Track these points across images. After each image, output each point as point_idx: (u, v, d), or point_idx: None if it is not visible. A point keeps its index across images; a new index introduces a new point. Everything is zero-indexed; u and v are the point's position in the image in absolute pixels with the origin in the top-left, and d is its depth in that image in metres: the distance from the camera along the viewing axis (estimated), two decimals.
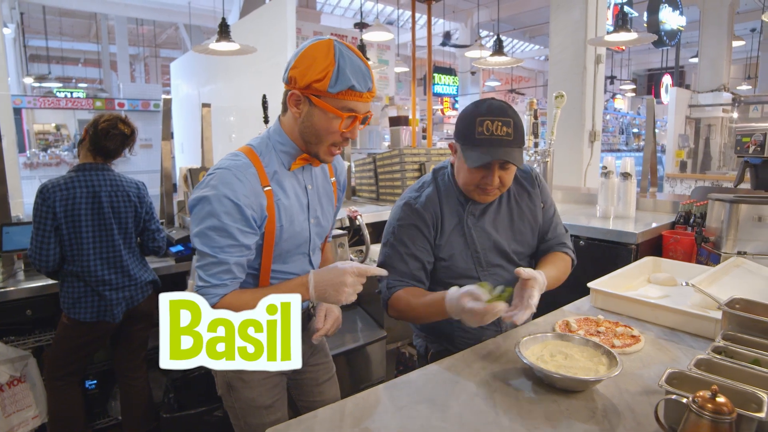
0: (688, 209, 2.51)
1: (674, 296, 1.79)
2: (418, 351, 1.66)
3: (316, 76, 1.08)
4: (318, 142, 1.17)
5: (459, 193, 1.47)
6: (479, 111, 1.34)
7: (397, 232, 1.45)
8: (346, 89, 1.10)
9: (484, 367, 1.22)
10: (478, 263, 1.48)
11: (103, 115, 2.00)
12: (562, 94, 2.64)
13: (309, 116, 1.14)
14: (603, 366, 1.16)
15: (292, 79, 1.11)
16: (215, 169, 1.14)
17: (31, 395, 2.07)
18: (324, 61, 1.08)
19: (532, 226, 1.56)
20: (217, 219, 1.09)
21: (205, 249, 1.10)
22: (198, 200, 1.11)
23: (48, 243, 1.88)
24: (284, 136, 1.20)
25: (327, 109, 1.11)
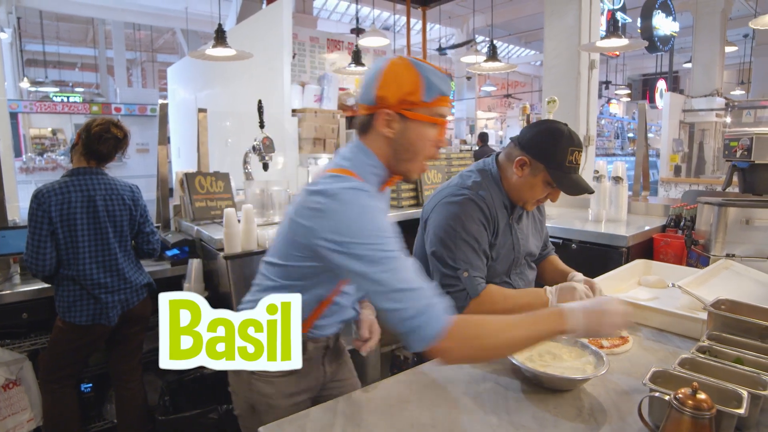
0: (679, 213, 2.54)
1: (663, 298, 1.82)
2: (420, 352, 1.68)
3: (408, 88, 1.08)
4: (413, 158, 1.14)
5: (504, 197, 1.56)
6: (572, 141, 1.46)
7: (467, 228, 1.46)
8: (438, 96, 1.11)
9: (474, 367, 1.24)
10: (513, 264, 1.61)
11: (96, 119, 2.01)
12: (554, 99, 2.68)
13: (404, 132, 1.11)
14: (590, 365, 1.18)
15: (381, 98, 1.09)
16: (343, 189, 1.03)
17: (27, 398, 2.07)
18: (409, 75, 1.08)
19: (542, 234, 1.75)
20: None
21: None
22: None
23: (44, 248, 1.89)
24: (373, 157, 1.14)
25: (423, 120, 1.10)
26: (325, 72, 6.00)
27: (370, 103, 1.11)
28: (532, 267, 1.74)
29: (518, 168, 1.51)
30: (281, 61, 4.42)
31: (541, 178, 1.49)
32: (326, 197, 1.02)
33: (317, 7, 11.35)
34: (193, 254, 2.44)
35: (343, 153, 1.17)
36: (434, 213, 1.54)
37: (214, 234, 2.30)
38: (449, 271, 1.46)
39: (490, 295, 1.46)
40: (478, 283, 1.45)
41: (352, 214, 1.01)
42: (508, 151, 1.57)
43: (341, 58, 6.17)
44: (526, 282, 1.67)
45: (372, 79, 1.10)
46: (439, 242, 1.48)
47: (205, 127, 2.79)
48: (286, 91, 4.65)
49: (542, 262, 1.81)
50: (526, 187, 1.52)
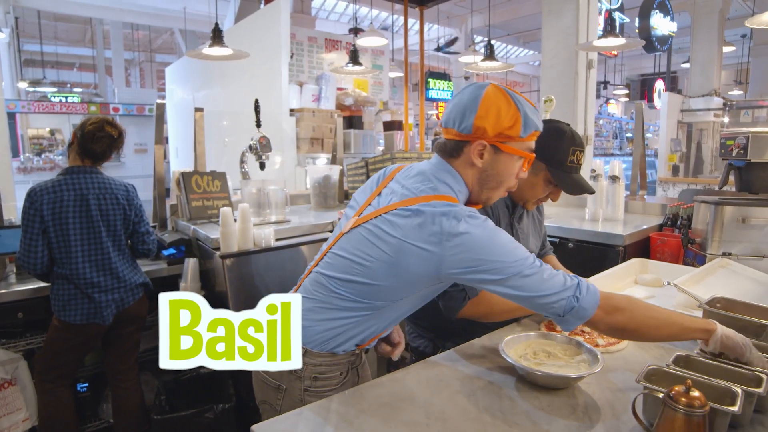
0: (676, 211, 2.54)
1: (660, 297, 1.82)
2: (423, 352, 1.67)
3: (507, 123, 1.10)
4: (497, 188, 1.18)
5: (506, 197, 1.53)
6: (574, 141, 1.48)
7: None
8: (534, 131, 1.14)
9: (468, 366, 1.24)
10: None
11: (90, 118, 2.01)
12: (551, 98, 2.68)
13: (494, 163, 1.14)
14: (585, 364, 1.18)
15: (479, 128, 1.10)
16: (472, 214, 1.07)
17: (22, 398, 2.07)
18: (509, 109, 1.10)
19: (540, 232, 1.76)
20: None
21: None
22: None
23: (36, 245, 1.89)
24: (462, 183, 1.17)
25: (515, 153, 1.14)
26: (323, 72, 6.00)
27: (465, 131, 1.12)
28: None
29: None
30: (279, 61, 4.42)
31: (542, 177, 1.50)
32: (459, 221, 1.04)
33: (315, 7, 11.35)
34: (189, 254, 2.44)
35: (435, 174, 1.16)
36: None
37: (210, 233, 2.29)
38: None
39: (488, 296, 1.44)
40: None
41: (485, 240, 1.04)
42: None
43: (339, 58, 6.17)
44: None
45: (469, 106, 1.11)
46: None
47: (201, 126, 2.79)
48: (284, 91, 4.65)
49: (549, 261, 1.81)
50: (527, 186, 1.52)
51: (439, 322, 1.58)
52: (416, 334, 1.71)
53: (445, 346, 1.61)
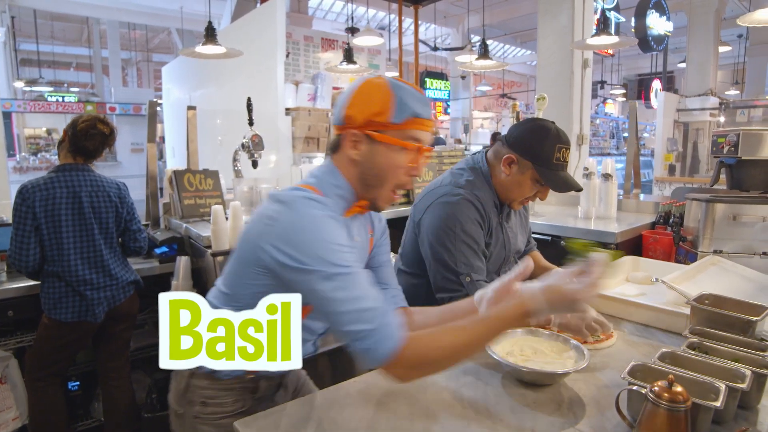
0: (668, 209, 2.54)
1: (651, 294, 1.82)
2: None
3: (376, 108, 1.00)
4: (381, 184, 1.06)
5: (495, 196, 1.56)
6: (560, 138, 1.46)
7: (466, 229, 1.45)
8: (410, 117, 1.01)
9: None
10: (505, 261, 1.61)
11: (82, 116, 2.00)
12: (543, 96, 2.68)
13: (371, 156, 1.03)
14: (571, 360, 1.18)
15: (349, 118, 1.03)
16: (297, 197, 0.99)
17: (12, 396, 2.06)
18: (380, 94, 1.01)
19: (526, 228, 1.78)
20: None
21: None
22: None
23: (28, 243, 1.88)
24: (340, 178, 1.07)
25: (391, 143, 1.02)
26: (319, 71, 5.99)
27: (339, 122, 1.06)
28: (517, 262, 1.75)
29: (506, 166, 1.50)
30: (275, 60, 4.41)
31: (529, 175, 1.49)
32: (280, 204, 0.97)
33: (312, 7, 11.34)
34: (181, 252, 2.43)
35: (312, 171, 1.12)
36: (428, 213, 1.51)
37: (202, 231, 2.29)
38: (451, 276, 1.44)
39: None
40: (481, 287, 1.39)
41: (304, 222, 0.94)
42: (496, 149, 1.56)
43: (336, 58, 6.16)
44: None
45: (344, 98, 1.05)
46: (438, 245, 1.46)
47: (194, 125, 2.78)
48: (280, 90, 4.64)
49: (524, 257, 1.81)
50: (515, 186, 1.52)
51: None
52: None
53: None
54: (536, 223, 2.60)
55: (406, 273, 1.67)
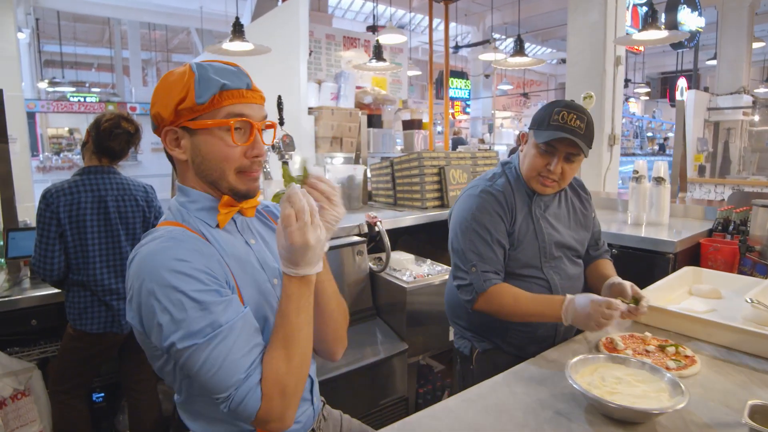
0: (727, 216, 2.36)
1: (721, 310, 1.66)
2: (461, 353, 1.63)
3: (179, 96, 0.89)
4: (221, 176, 0.92)
5: (525, 185, 1.54)
6: (558, 103, 1.44)
7: (479, 219, 1.45)
8: (217, 92, 0.88)
9: (529, 392, 1.10)
10: (543, 254, 1.53)
11: (105, 115, 1.88)
12: (590, 94, 2.51)
13: (195, 149, 0.92)
14: (665, 394, 1.03)
15: (157, 117, 0.92)
16: (143, 247, 0.87)
17: (35, 409, 1.97)
18: (182, 79, 0.89)
19: (585, 229, 1.65)
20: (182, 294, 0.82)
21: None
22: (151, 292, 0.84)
23: (52, 251, 1.78)
24: (190, 192, 0.95)
25: (207, 126, 0.89)
26: (342, 69, 5.88)
27: (153, 127, 0.95)
28: (575, 262, 1.62)
29: (522, 145, 1.54)
30: (297, 59, 4.30)
31: (532, 143, 1.48)
32: (132, 262, 0.87)
33: (332, 5, 11.27)
34: None
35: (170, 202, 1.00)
36: (454, 208, 1.57)
37: None
38: (461, 264, 1.47)
39: (498, 294, 1.42)
40: (487, 278, 1.42)
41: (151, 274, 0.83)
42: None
43: (357, 56, 6.05)
44: (563, 277, 1.56)
45: (151, 100, 0.94)
46: (454, 236, 1.51)
47: None
48: (303, 89, 4.53)
49: (592, 263, 1.69)
50: (526, 160, 1.50)
51: (474, 322, 1.57)
52: (458, 335, 1.68)
53: (481, 346, 1.58)
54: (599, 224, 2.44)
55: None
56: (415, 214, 2.78)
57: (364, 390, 2.07)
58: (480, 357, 1.57)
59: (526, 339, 1.52)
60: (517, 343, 1.52)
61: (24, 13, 10.46)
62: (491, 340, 1.56)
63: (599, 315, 1.24)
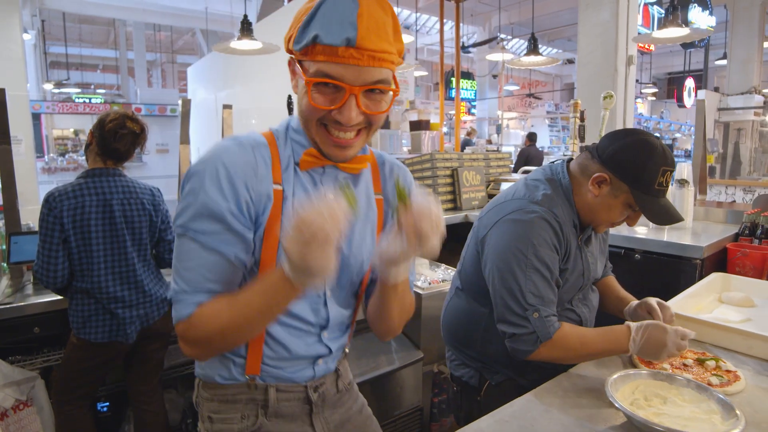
0: (754, 219, 2.27)
1: (757, 320, 1.58)
2: (467, 383, 1.47)
3: (289, 31, 0.81)
4: (306, 123, 0.85)
5: (575, 215, 1.33)
6: (666, 160, 1.23)
7: (539, 254, 1.22)
8: (309, 45, 0.76)
9: (565, 410, 1.02)
10: (580, 290, 1.41)
11: (109, 114, 1.79)
12: (611, 94, 2.43)
13: (296, 87, 0.86)
14: (716, 416, 0.95)
15: (285, 43, 0.85)
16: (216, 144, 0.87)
17: (39, 420, 1.90)
18: (301, 10, 0.79)
19: (605, 252, 1.57)
20: (204, 192, 0.80)
21: (185, 231, 0.82)
22: (186, 176, 0.84)
23: (56, 257, 1.70)
24: (295, 119, 0.91)
25: (301, 76, 0.80)
26: None
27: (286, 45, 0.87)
28: (595, 290, 1.53)
29: (595, 186, 1.27)
30: None
31: (622, 200, 1.26)
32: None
33: None
34: None
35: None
36: (495, 231, 1.30)
37: None
38: (518, 309, 1.21)
39: (564, 339, 1.20)
40: (551, 324, 1.20)
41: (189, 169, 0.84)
42: (583, 162, 1.32)
43: None
44: (590, 308, 1.46)
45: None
46: (506, 269, 1.24)
47: (229, 124, 2.61)
48: None
49: (599, 283, 1.57)
50: (603, 209, 1.29)
51: (487, 352, 1.37)
52: (460, 362, 1.49)
53: (493, 378, 1.41)
54: None
55: (462, 293, 1.46)
56: None
57: (379, 401, 1.99)
58: (491, 389, 1.41)
59: (548, 373, 1.30)
60: (537, 377, 1.32)
61: (30, 14, 10.48)
62: (505, 374, 1.40)
63: (675, 347, 1.14)
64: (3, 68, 4.33)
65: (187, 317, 0.80)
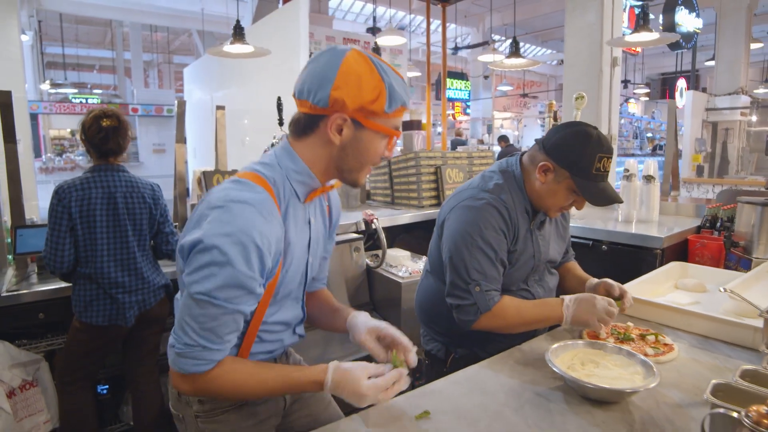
0: (715, 213, 2.42)
1: (705, 303, 1.72)
2: (435, 356, 1.61)
3: (369, 96, 0.95)
4: (360, 168, 1.04)
5: (527, 202, 1.46)
6: (601, 147, 1.35)
7: (485, 236, 1.37)
8: (400, 107, 0.99)
9: (512, 375, 1.17)
10: (532, 271, 1.52)
11: (87, 119, 1.93)
12: (582, 95, 2.58)
13: (356, 141, 0.99)
14: (639, 376, 1.10)
15: (338, 101, 0.94)
16: (229, 202, 0.91)
17: (43, 399, 2.04)
18: (373, 79, 0.95)
19: (563, 240, 1.66)
20: (233, 268, 0.88)
21: (210, 299, 0.90)
22: (203, 246, 0.89)
23: (63, 244, 1.85)
24: (300, 163, 1.02)
25: (380, 130, 0.99)
26: None
27: (321, 104, 0.96)
28: (553, 273, 1.66)
29: (541, 173, 1.40)
30: (298, 60, 4.37)
31: (565, 185, 1.38)
32: (214, 209, 0.92)
33: (333, 7, 11.34)
34: None
35: (266, 155, 1.06)
36: (452, 216, 1.45)
37: None
38: (461, 283, 1.37)
39: (502, 309, 1.37)
40: (491, 297, 1.36)
41: (214, 233, 0.90)
42: (532, 153, 1.46)
43: None
44: (545, 289, 1.59)
45: (325, 75, 0.95)
46: (455, 249, 1.39)
47: (223, 125, 2.75)
48: None
49: (560, 267, 1.72)
50: (549, 194, 1.42)
51: (452, 328, 1.50)
52: (429, 338, 1.64)
53: (456, 351, 1.56)
54: (575, 227, 2.50)
55: (430, 274, 1.61)
56: (411, 212, 2.85)
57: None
58: (456, 361, 1.53)
59: (506, 347, 1.43)
60: (496, 352, 1.41)
61: (27, 15, 10.56)
62: (468, 347, 1.54)
63: (603, 312, 1.29)
64: (1, 69, 4.42)
65: (204, 373, 0.93)
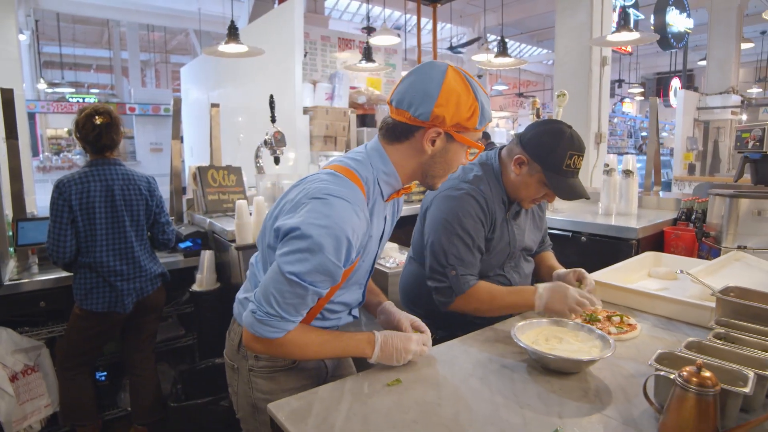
0: (690, 206, 2.52)
1: (673, 289, 1.81)
2: None
3: (466, 114, 1.07)
4: (443, 174, 1.16)
5: (504, 193, 1.56)
6: (573, 144, 1.44)
7: (463, 223, 1.47)
8: (486, 123, 1.13)
9: (481, 351, 1.26)
10: (508, 258, 1.61)
11: (79, 118, 2.02)
12: (564, 93, 2.67)
13: (445, 151, 1.12)
14: (596, 349, 1.19)
15: (438, 117, 1.06)
16: (328, 195, 1.02)
17: (44, 384, 2.12)
18: (468, 98, 1.07)
19: (539, 230, 1.75)
20: (324, 256, 0.99)
21: (300, 280, 1.00)
22: (300, 233, 0.99)
23: (65, 235, 1.94)
24: (390, 166, 1.13)
25: (467, 143, 1.12)
26: (337, 70, 6.03)
27: (422, 117, 1.06)
28: (529, 260, 1.76)
29: (516, 166, 1.49)
30: (293, 60, 4.46)
31: (536, 178, 1.47)
32: (313, 199, 1.02)
33: (329, 7, 11.41)
34: (205, 246, 2.48)
35: (357, 152, 1.17)
36: (433, 204, 1.56)
37: (226, 226, 2.33)
38: (438, 267, 1.48)
39: (476, 294, 1.47)
40: (465, 281, 1.46)
41: (312, 222, 1.00)
42: (510, 147, 1.57)
43: (352, 57, 6.19)
44: (521, 275, 1.68)
45: (428, 91, 1.05)
46: (435, 236, 1.49)
47: (217, 122, 2.83)
48: (298, 89, 4.69)
49: (536, 256, 1.82)
50: (522, 186, 1.51)
51: (434, 310, 1.59)
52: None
53: (437, 333, 1.61)
54: (556, 219, 2.59)
55: (413, 260, 1.70)
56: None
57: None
58: (437, 342, 1.58)
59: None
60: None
61: (24, 14, 10.60)
62: (449, 329, 1.61)
63: (575, 302, 1.37)
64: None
65: (275, 339, 1.06)
